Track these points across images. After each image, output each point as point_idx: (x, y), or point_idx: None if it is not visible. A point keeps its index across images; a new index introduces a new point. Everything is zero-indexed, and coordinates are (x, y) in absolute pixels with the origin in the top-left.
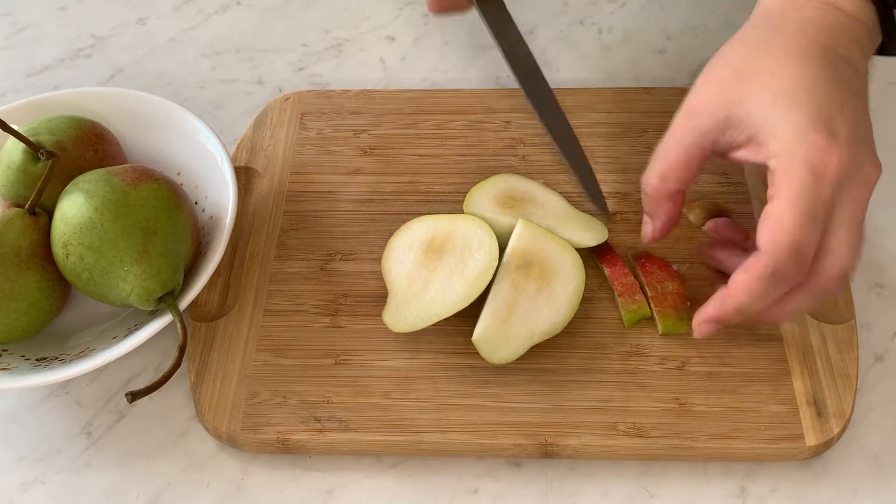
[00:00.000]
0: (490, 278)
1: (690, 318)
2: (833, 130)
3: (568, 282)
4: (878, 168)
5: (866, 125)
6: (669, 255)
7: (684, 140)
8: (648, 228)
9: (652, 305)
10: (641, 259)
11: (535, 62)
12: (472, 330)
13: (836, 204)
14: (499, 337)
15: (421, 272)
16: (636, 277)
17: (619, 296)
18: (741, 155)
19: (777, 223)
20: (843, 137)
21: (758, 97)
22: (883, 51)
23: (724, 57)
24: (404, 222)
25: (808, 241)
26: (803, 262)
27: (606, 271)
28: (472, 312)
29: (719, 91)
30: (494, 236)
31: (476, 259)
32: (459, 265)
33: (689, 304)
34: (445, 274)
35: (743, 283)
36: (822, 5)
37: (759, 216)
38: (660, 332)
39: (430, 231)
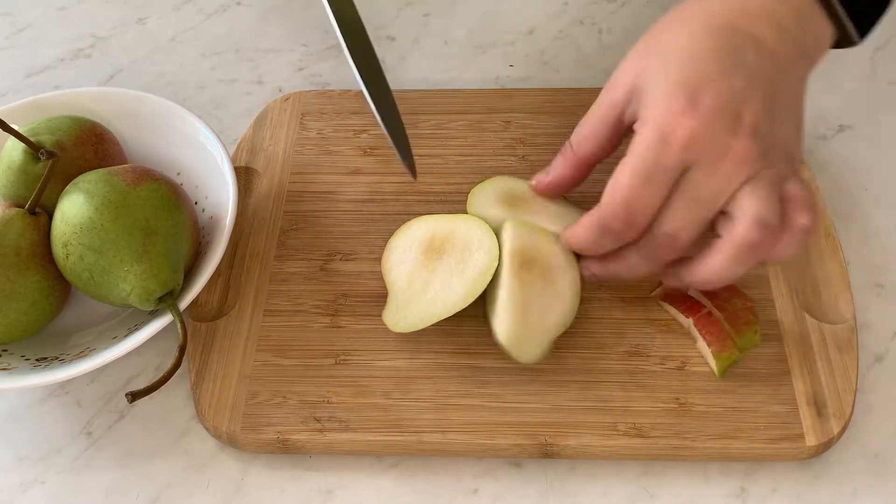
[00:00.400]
0: (490, 278)
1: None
2: (695, 99)
3: (566, 272)
4: (746, 143)
5: (753, 104)
6: None
7: (598, 112)
8: (542, 177)
9: (728, 326)
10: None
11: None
12: (472, 330)
13: (686, 172)
14: (525, 336)
15: (421, 272)
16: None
17: (708, 345)
18: (629, 122)
19: (614, 181)
20: (703, 107)
21: (651, 68)
22: (839, 44)
23: (645, 35)
24: (404, 222)
25: (640, 203)
26: (632, 221)
27: (689, 321)
28: (472, 312)
29: (630, 65)
30: (494, 236)
31: (476, 259)
32: (459, 265)
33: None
34: (445, 274)
35: (579, 229)
36: None
37: None
38: (738, 351)
39: (430, 231)
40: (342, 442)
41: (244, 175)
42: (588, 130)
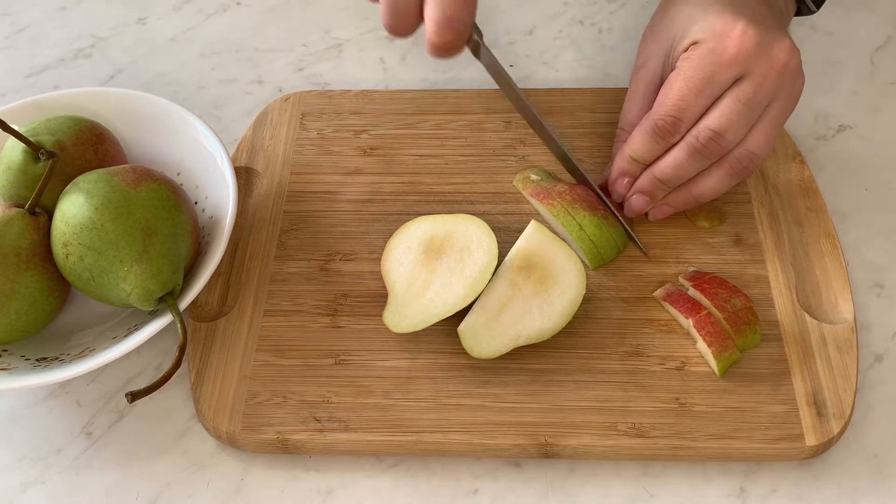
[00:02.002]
0: (489, 277)
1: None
2: (738, 18)
3: (566, 292)
4: (789, 50)
5: (779, 23)
6: (672, 254)
7: (639, 89)
8: (610, 171)
9: (728, 327)
10: (698, 281)
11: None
12: None
13: (740, 79)
14: (485, 331)
15: (420, 272)
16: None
17: (708, 346)
18: (672, 68)
19: (666, 92)
20: (747, 23)
21: (680, 15)
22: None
23: (652, 17)
24: (404, 222)
25: (690, 111)
26: (681, 125)
27: (689, 322)
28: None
29: (654, 34)
30: (493, 236)
31: (475, 258)
32: (459, 265)
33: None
34: (445, 274)
35: (633, 135)
36: None
37: (758, 215)
38: (739, 351)
39: (429, 231)
40: (342, 442)
41: (244, 175)
42: (636, 108)
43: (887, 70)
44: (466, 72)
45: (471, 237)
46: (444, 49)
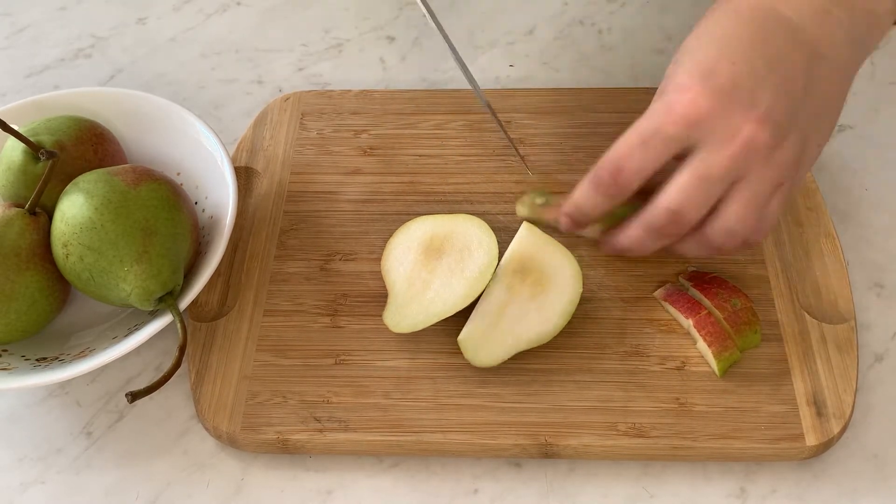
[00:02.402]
0: (489, 278)
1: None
2: (707, 77)
3: (563, 293)
4: (756, 123)
5: (770, 90)
6: (672, 254)
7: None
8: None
9: (728, 327)
10: (698, 281)
11: None
12: None
13: (696, 147)
14: (484, 340)
15: (421, 272)
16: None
17: (708, 346)
18: None
19: (618, 141)
20: (715, 85)
21: (686, 50)
22: None
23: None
24: (404, 222)
25: (631, 163)
26: (620, 180)
27: (689, 322)
28: (469, 311)
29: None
30: (494, 235)
31: (476, 258)
32: (459, 265)
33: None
34: (445, 274)
35: (578, 187)
36: None
37: None
38: (739, 351)
39: (429, 231)
40: (342, 442)
41: (244, 175)
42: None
43: (887, 70)
44: None
45: (471, 237)
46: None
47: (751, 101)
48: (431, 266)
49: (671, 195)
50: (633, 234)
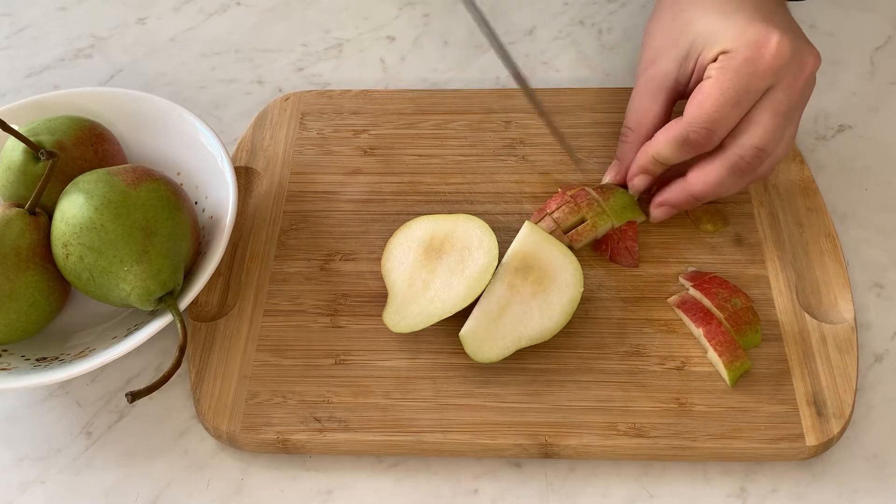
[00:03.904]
0: (489, 277)
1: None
2: (771, 26)
3: (565, 291)
4: (816, 56)
5: (797, 26)
6: (672, 254)
7: (648, 88)
8: (614, 172)
9: (728, 326)
10: (698, 281)
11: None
12: None
13: (770, 88)
14: (486, 335)
15: (421, 272)
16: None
17: (719, 356)
18: (695, 81)
19: (700, 101)
20: (780, 31)
21: (698, 19)
22: None
23: (657, 13)
24: (404, 222)
25: (725, 122)
26: (713, 137)
27: (699, 331)
28: (468, 311)
29: (666, 34)
30: (494, 235)
31: (476, 258)
32: (459, 265)
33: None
34: (445, 274)
35: (658, 139)
36: None
37: (758, 215)
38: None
39: (429, 231)
40: (342, 442)
41: (244, 175)
42: (644, 108)
43: (887, 70)
44: (466, 72)
45: (471, 237)
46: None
47: (802, 42)
48: (432, 266)
49: (758, 134)
50: (715, 176)
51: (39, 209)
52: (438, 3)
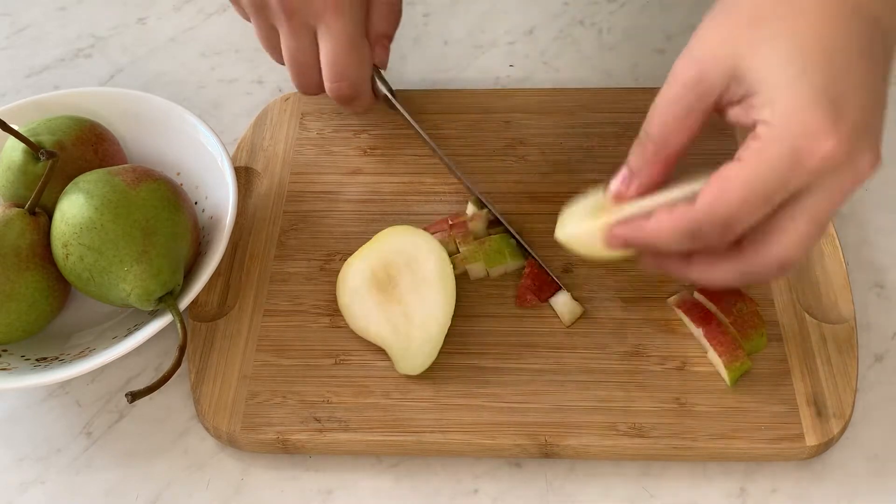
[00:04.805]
0: (452, 267)
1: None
2: (838, 113)
3: (426, 261)
4: (877, 162)
5: (879, 107)
6: None
7: (687, 98)
8: (623, 184)
9: (734, 330)
10: (702, 287)
11: None
12: (470, 329)
13: (810, 189)
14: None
15: (392, 309)
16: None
17: (719, 356)
18: (734, 113)
19: (726, 189)
20: (847, 123)
21: (768, 51)
22: None
23: (717, 13)
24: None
25: (748, 220)
26: (730, 235)
27: (700, 331)
28: (468, 312)
29: (730, 38)
30: (423, 232)
31: (427, 262)
32: (418, 277)
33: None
34: (412, 293)
35: (661, 225)
36: None
37: None
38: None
39: (366, 270)
40: (342, 442)
41: (244, 175)
42: (673, 118)
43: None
44: (466, 72)
45: (407, 248)
46: (343, 102)
47: (870, 140)
48: (395, 295)
49: (785, 244)
50: (721, 278)
51: (39, 209)
52: (438, 3)
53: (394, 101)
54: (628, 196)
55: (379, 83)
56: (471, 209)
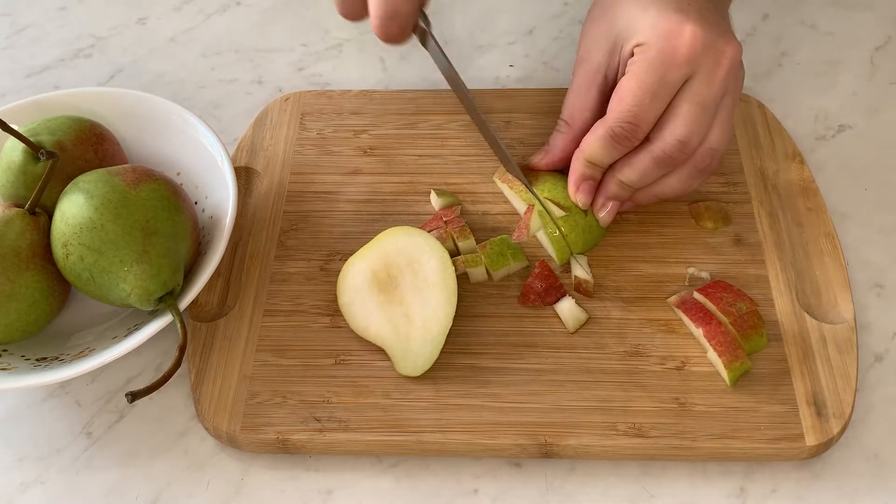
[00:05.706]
0: (453, 267)
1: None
2: (686, 16)
3: (428, 262)
4: (735, 46)
5: (721, 12)
6: (672, 254)
7: (582, 82)
8: (541, 156)
9: (734, 330)
10: (702, 286)
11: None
12: (470, 329)
13: (688, 80)
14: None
15: (394, 310)
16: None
17: (719, 356)
18: (620, 74)
19: (621, 95)
20: (695, 21)
21: (622, 14)
22: None
23: (591, 9)
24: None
25: (647, 116)
26: (638, 132)
27: (700, 331)
28: (467, 312)
29: (596, 29)
30: (424, 232)
31: (429, 263)
32: (419, 277)
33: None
34: (414, 293)
35: (588, 139)
36: None
37: (758, 215)
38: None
39: (367, 270)
40: (342, 442)
41: (244, 175)
42: (578, 102)
43: (887, 70)
44: (466, 72)
45: (407, 248)
46: (389, 40)
47: (718, 23)
48: (397, 296)
49: (679, 126)
50: (640, 166)
51: (39, 209)
52: (438, 3)
53: (432, 36)
54: (543, 165)
55: (419, 18)
56: (434, 200)
